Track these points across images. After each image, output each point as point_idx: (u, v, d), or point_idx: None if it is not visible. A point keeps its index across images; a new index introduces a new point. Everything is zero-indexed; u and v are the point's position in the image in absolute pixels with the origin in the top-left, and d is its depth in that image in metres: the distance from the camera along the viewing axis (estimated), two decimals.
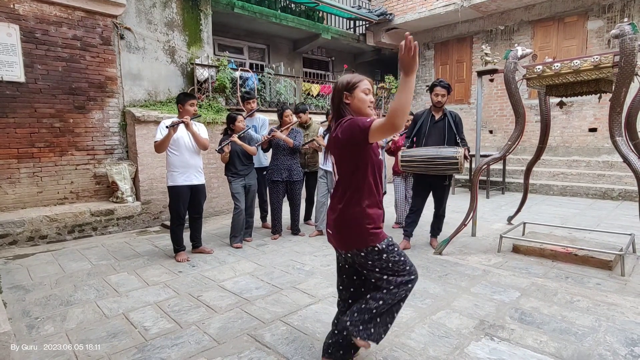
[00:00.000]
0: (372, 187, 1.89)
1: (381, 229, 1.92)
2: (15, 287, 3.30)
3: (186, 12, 6.43)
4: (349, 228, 1.89)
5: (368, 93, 1.93)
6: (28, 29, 4.79)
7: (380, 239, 1.87)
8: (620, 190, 6.77)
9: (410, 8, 9.48)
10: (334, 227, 1.95)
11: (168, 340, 2.41)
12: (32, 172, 4.96)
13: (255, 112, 5.07)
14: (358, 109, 1.89)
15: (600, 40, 7.68)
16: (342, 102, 1.90)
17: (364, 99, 1.89)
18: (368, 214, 1.87)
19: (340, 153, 1.90)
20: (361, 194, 1.87)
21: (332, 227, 1.97)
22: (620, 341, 2.31)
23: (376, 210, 1.91)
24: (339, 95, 1.91)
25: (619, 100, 3.40)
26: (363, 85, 1.90)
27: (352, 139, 1.78)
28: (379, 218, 1.92)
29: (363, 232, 1.86)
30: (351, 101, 1.90)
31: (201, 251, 4.18)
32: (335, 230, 1.95)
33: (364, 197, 1.87)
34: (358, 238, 1.87)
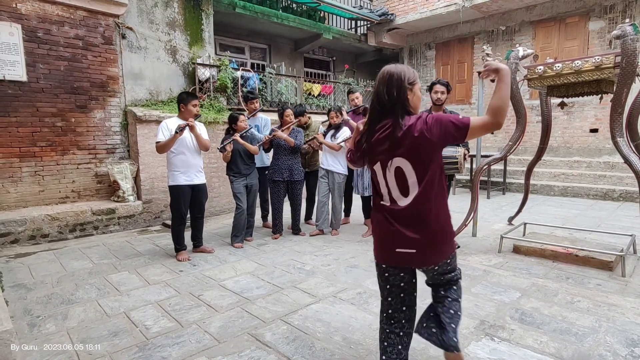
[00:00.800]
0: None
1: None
2: (17, 286, 3.31)
3: (188, 11, 6.44)
4: (445, 234, 1.73)
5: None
6: (30, 28, 4.80)
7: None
8: (621, 191, 6.76)
9: (412, 8, 9.47)
10: (427, 240, 1.67)
11: (169, 339, 2.42)
12: (34, 171, 4.97)
13: (257, 112, 5.08)
14: (415, 106, 1.74)
15: (601, 41, 7.67)
16: (407, 96, 1.69)
17: (420, 97, 1.78)
18: (449, 213, 1.77)
19: (420, 153, 1.64)
20: (443, 194, 1.74)
21: (420, 242, 1.67)
22: (620, 342, 2.31)
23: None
24: (405, 89, 1.68)
25: (620, 101, 3.41)
26: (418, 81, 1.79)
27: (445, 137, 1.61)
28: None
29: (452, 235, 1.78)
30: (411, 97, 1.73)
31: (202, 250, 4.19)
32: (427, 243, 1.68)
33: (445, 197, 1.76)
34: (451, 243, 1.77)
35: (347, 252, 4.15)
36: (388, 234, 1.73)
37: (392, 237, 1.72)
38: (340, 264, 3.79)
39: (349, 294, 3.07)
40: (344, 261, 3.86)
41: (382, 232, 1.77)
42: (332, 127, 4.79)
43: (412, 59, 10.81)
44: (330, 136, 4.75)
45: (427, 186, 1.65)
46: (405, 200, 1.69)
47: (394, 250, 1.72)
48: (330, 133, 4.78)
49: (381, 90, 1.71)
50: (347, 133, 4.68)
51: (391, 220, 1.72)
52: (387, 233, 1.73)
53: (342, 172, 4.74)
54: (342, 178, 4.77)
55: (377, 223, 1.81)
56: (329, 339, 2.39)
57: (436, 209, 1.69)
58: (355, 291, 3.12)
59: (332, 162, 4.72)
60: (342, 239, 4.69)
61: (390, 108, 1.68)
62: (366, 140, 1.75)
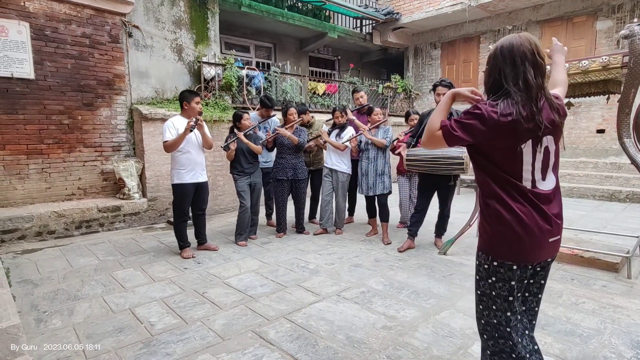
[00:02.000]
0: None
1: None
2: (24, 281, 3.35)
3: (194, 10, 6.46)
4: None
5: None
6: (38, 26, 4.84)
7: None
8: (628, 192, 6.71)
9: (417, 7, 9.44)
10: (559, 223, 1.50)
11: (173, 336, 2.43)
12: (40, 168, 5.02)
13: (269, 118, 4.95)
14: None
15: (609, 40, 7.60)
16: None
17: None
18: None
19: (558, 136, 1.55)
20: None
21: (560, 227, 1.51)
22: (625, 344, 2.30)
23: None
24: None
25: (627, 102, 3.37)
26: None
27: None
28: None
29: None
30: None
31: (206, 248, 4.21)
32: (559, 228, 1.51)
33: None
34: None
35: (351, 251, 4.15)
36: (535, 222, 1.44)
37: (543, 226, 1.45)
38: (344, 263, 3.79)
39: (353, 292, 3.07)
40: (347, 260, 3.87)
41: (527, 222, 1.43)
42: (337, 127, 4.79)
43: (418, 58, 10.77)
44: (335, 136, 4.75)
45: (556, 164, 1.54)
46: (545, 183, 1.50)
47: (548, 241, 1.46)
48: (334, 132, 4.78)
49: (538, 62, 1.45)
50: (352, 132, 4.68)
51: (540, 205, 1.45)
52: (535, 222, 1.43)
53: (345, 172, 4.74)
54: (346, 177, 4.77)
55: (513, 213, 1.45)
56: (333, 338, 2.40)
57: (558, 187, 1.54)
58: (359, 290, 3.12)
59: (336, 161, 4.72)
60: (346, 238, 4.70)
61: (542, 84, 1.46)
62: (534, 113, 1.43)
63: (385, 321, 2.60)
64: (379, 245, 4.37)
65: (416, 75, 10.82)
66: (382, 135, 4.45)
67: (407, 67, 10.99)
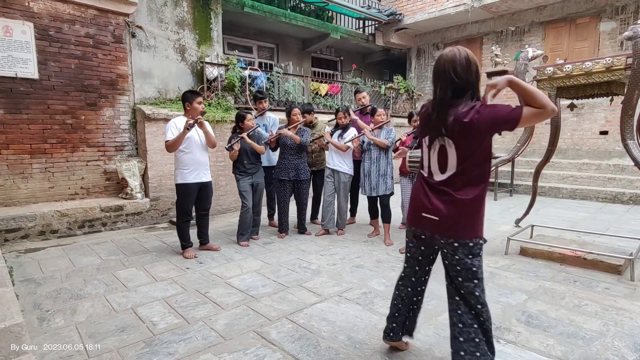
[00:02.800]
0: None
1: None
2: (27, 280, 3.36)
3: (197, 10, 6.48)
4: (473, 216, 1.82)
5: None
6: (42, 26, 4.87)
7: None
8: (631, 194, 6.68)
9: (420, 8, 9.44)
10: (452, 212, 1.81)
11: (175, 336, 2.44)
12: (44, 168, 5.04)
13: (266, 112, 5.09)
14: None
15: (612, 42, 7.58)
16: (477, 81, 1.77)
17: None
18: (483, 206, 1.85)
19: (472, 140, 1.75)
20: (486, 184, 1.84)
21: (443, 212, 1.82)
22: (628, 346, 2.29)
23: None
24: (477, 73, 1.77)
25: (631, 103, 3.37)
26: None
27: (496, 127, 1.72)
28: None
29: (479, 221, 1.85)
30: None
31: (208, 248, 4.21)
32: (452, 215, 1.80)
33: (485, 188, 1.84)
34: (476, 229, 1.83)
35: (353, 252, 4.15)
36: (418, 196, 1.95)
37: (422, 200, 1.92)
38: (345, 263, 3.79)
39: (355, 293, 3.07)
40: (349, 261, 3.87)
41: (414, 195, 2.01)
42: (340, 128, 4.79)
43: (420, 59, 10.77)
44: (338, 136, 4.76)
45: (468, 169, 1.78)
46: (441, 177, 1.86)
47: (421, 214, 1.91)
48: (337, 133, 4.78)
49: (458, 70, 1.75)
50: (355, 133, 4.68)
51: (428, 189, 1.91)
52: (418, 195, 1.96)
53: (347, 172, 4.74)
54: (348, 178, 4.77)
55: (414, 188, 2.05)
56: (334, 338, 2.40)
57: (473, 191, 1.79)
58: (361, 291, 3.12)
59: (338, 161, 4.72)
60: (348, 238, 4.70)
61: (464, 91, 1.76)
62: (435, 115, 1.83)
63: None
64: (380, 246, 4.37)
65: (419, 76, 10.81)
66: (385, 136, 4.44)
67: (409, 68, 10.99)
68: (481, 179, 1.81)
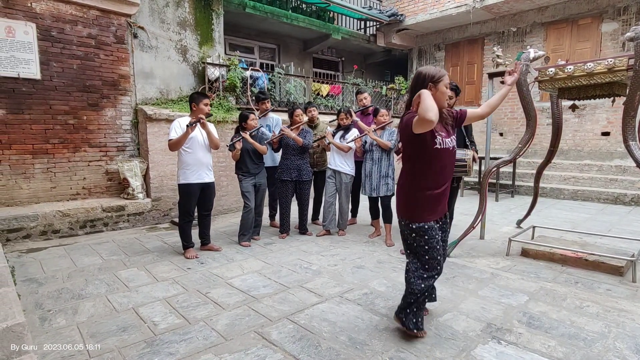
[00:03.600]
0: (431, 172, 2.28)
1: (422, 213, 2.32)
2: (29, 280, 3.37)
3: (198, 11, 6.49)
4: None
5: (447, 87, 2.25)
6: (44, 27, 4.88)
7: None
8: (633, 195, 6.66)
9: (422, 9, 9.43)
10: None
11: (176, 336, 2.44)
12: (46, 168, 5.05)
13: (268, 112, 5.12)
14: (437, 100, 2.16)
15: (614, 43, 7.57)
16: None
17: (443, 92, 2.21)
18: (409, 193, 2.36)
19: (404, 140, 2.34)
20: (413, 176, 2.32)
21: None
22: (630, 348, 2.28)
23: (423, 193, 2.29)
24: (422, 85, 2.19)
25: (633, 104, 3.36)
26: (446, 79, 2.22)
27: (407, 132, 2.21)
28: (425, 203, 2.31)
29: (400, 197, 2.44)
30: (434, 93, 2.16)
31: (210, 248, 4.22)
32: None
33: (415, 179, 2.30)
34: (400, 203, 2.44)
35: (354, 253, 4.15)
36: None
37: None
38: (346, 264, 3.79)
39: (355, 294, 3.07)
40: (350, 261, 3.87)
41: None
42: (342, 128, 4.80)
43: (422, 60, 10.77)
44: (340, 137, 4.76)
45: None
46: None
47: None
48: (339, 134, 4.79)
49: (410, 86, 2.30)
50: (356, 134, 4.68)
51: None
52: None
53: (349, 173, 4.74)
54: (350, 178, 4.77)
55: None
56: (335, 339, 2.40)
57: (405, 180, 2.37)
58: (362, 292, 3.12)
59: (340, 162, 4.72)
60: (349, 239, 4.70)
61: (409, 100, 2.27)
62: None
63: (388, 323, 2.60)
64: (381, 247, 4.37)
65: None
66: (387, 137, 4.45)
67: (410, 69, 10.98)
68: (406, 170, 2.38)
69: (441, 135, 2.23)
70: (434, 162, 2.24)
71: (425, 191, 2.27)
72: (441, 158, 2.25)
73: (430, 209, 2.30)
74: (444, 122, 2.31)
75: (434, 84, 2.17)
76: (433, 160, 2.24)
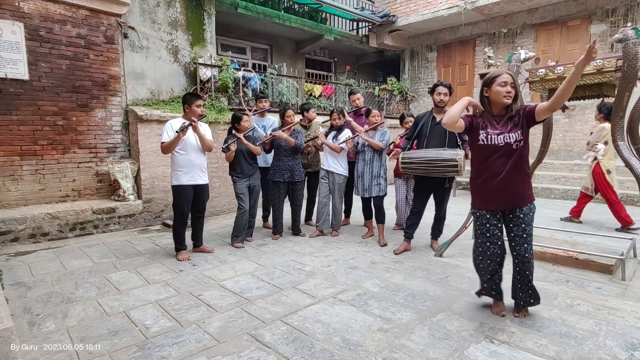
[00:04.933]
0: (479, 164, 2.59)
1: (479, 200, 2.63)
2: (17, 284, 3.31)
3: (190, 11, 6.45)
4: None
5: (503, 85, 2.41)
6: (32, 27, 4.81)
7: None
8: (622, 194, 6.74)
9: (414, 10, 9.48)
10: None
11: (169, 339, 2.42)
12: (34, 170, 4.97)
13: (265, 112, 5.14)
14: (493, 100, 2.48)
15: (603, 44, 7.67)
16: (482, 94, 2.55)
17: (497, 91, 2.43)
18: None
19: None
20: (471, 167, 2.70)
21: None
22: (620, 345, 2.31)
23: (474, 182, 2.64)
24: (482, 90, 2.55)
25: (621, 105, 3.40)
26: (499, 79, 2.42)
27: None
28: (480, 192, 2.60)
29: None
30: (490, 93, 2.45)
31: (202, 250, 4.19)
32: None
33: (471, 170, 2.67)
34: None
35: (347, 254, 4.15)
36: None
37: None
38: (340, 265, 3.79)
39: (349, 295, 3.07)
40: (343, 262, 3.86)
41: None
42: (334, 129, 4.80)
43: (414, 60, 10.82)
44: (332, 137, 4.76)
45: None
46: None
47: None
48: (332, 134, 4.78)
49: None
50: (349, 134, 4.68)
51: None
52: None
53: (342, 173, 4.74)
54: (343, 179, 4.77)
55: None
56: (329, 340, 2.39)
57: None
58: (355, 292, 3.12)
59: (333, 163, 4.72)
60: (342, 240, 4.69)
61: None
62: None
63: (381, 323, 2.60)
64: (375, 248, 4.37)
65: (412, 77, 10.86)
66: (379, 138, 4.45)
67: (403, 70, 11.03)
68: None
69: (489, 132, 2.48)
70: (478, 155, 2.56)
71: (475, 180, 2.60)
72: (486, 152, 2.50)
73: (479, 197, 2.60)
74: (504, 118, 2.49)
75: (488, 87, 2.45)
76: (478, 154, 2.56)
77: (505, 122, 2.48)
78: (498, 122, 2.50)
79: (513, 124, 2.47)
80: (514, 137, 2.45)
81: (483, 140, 2.49)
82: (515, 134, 2.45)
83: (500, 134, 2.46)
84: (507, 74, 2.43)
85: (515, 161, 2.47)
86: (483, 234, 2.59)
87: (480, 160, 2.55)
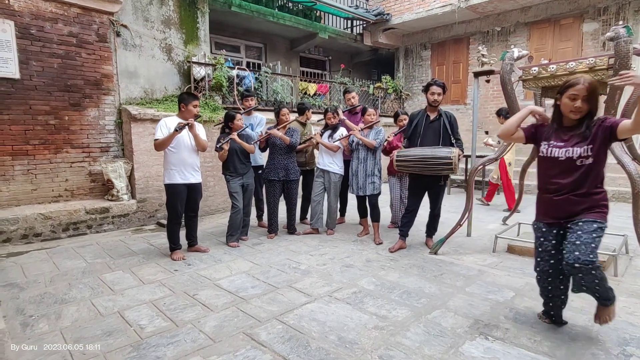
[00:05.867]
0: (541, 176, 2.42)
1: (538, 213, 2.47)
2: (10, 285, 3.28)
3: (183, 9, 6.40)
4: None
5: (572, 98, 2.17)
6: (23, 25, 4.75)
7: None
8: (614, 191, 6.83)
9: (408, 8, 9.49)
10: None
11: (164, 339, 2.40)
12: (26, 170, 4.92)
13: (252, 110, 5.09)
14: (563, 110, 2.26)
15: (595, 42, 7.74)
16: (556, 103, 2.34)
17: (565, 103, 2.22)
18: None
19: None
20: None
21: None
22: (612, 340, 2.34)
23: (539, 194, 2.47)
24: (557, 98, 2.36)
25: (613, 103, 3.43)
26: (571, 90, 2.17)
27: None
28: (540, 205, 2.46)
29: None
30: (561, 102, 2.25)
31: (197, 250, 4.17)
32: None
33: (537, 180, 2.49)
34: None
35: (343, 252, 4.15)
36: None
37: None
38: (335, 263, 3.79)
39: (344, 293, 3.07)
40: (339, 261, 3.87)
41: None
42: (329, 128, 4.79)
43: (408, 59, 10.84)
44: (327, 136, 4.75)
45: None
46: None
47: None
48: (327, 133, 4.78)
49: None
50: (344, 133, 4.68)
51: None
52: None
53: (338, 172, 4.74)
54: (338, 178, 4.77)
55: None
56: (324, 338, 2.39)
57: None
58: (351, 290, 3.12)
59: (329, 161, 4.72)
60: (338, 238, 4.70)
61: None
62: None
63: (377, 321, 2.60)
64: (370, 246, 4.38)
65: (406, 75, 10.88)
66: (374, 136, 4.46)
67: (397, 68, 11.05)
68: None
69: (551, 144, 2.28)
70: (540, 167, 2.41)
71: (540, 192, 2.45)
72: (547, 165, 2.33)
73: (541, 210, 2.45)
74: (574, 131, 2.23)
75: (560, 95, 2.26)
76: (540, 166, 2.42)
77: (573, 134, 2.23)
78: (566, 133, 2.25)
79: (582, 137, 2.19)
80: (579, 152, 2.18)
81: (543, 151, 2.31)
82: (580, 148, 2.18)
83: (563, 147, 2.22)
84: (584, 85, 2.12)
85: (578, 180, 2.20)
86: (539, 250, 2.46)
87: (541, 172, 2.39)
